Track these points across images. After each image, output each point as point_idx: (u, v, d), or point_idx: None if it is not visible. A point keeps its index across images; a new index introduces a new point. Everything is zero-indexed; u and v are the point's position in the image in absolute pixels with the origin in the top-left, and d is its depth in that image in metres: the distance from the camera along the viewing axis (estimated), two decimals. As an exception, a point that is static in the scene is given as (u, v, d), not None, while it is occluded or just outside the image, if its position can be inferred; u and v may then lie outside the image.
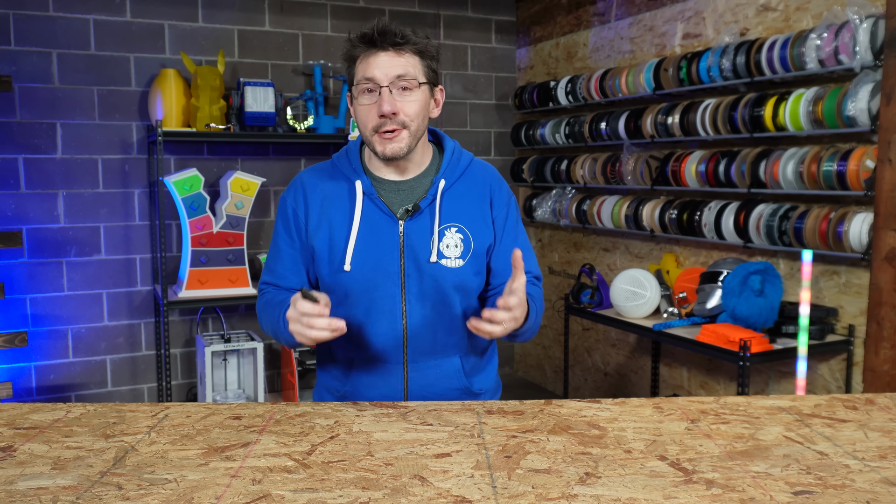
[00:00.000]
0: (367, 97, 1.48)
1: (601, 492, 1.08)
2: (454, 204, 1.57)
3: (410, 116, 1.49)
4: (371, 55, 1.47)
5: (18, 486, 1.10)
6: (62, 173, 3.93)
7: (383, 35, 1.46)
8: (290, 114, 4.12)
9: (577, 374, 4.67)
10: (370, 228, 1.54)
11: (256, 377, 4.01)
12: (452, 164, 1.60)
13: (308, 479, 1.12)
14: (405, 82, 1.47)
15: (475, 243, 1.57)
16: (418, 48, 1.49)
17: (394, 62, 1.46)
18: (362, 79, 1.47)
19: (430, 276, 1.54)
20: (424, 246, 1.54)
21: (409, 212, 1.54)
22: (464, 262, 1.55)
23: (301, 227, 1.60)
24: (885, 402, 1.51)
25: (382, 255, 1.53)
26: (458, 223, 1.56)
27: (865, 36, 2.72)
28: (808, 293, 2.69)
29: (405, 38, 1.47)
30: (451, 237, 1.55)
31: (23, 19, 3.79)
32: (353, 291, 1.55)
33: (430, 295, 1.55)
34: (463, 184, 1.60)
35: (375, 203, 1.55)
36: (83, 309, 4.03)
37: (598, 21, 4.35)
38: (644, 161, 3.80)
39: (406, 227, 1.54)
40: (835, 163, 2.84)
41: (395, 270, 1.54)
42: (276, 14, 4.34)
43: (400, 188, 1.57)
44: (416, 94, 1.49)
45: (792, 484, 1.11)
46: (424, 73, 1.51)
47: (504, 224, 1.61)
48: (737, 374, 2.99)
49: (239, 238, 3.93)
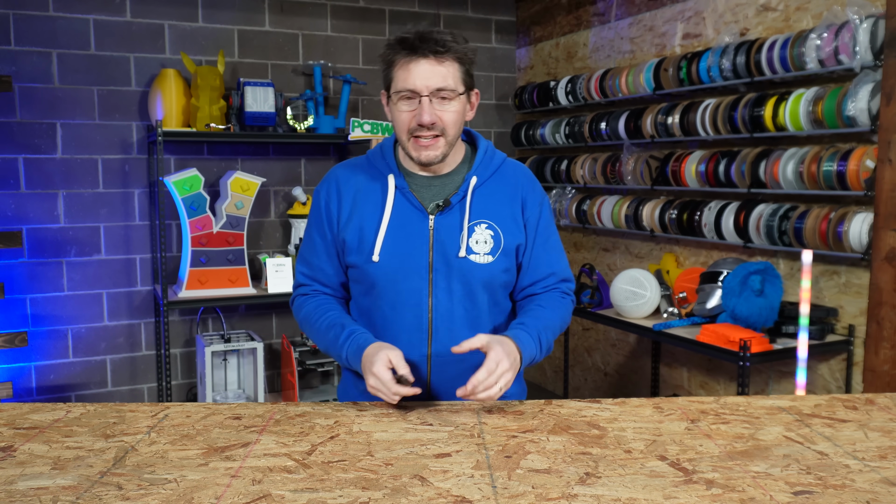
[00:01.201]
0: (406, 104, 1.50)
1: (601, 492, 1.08)
2: (485, 201, 1.59)
3: (448, 125, 1.51)
4: (412, 62, 1.47)
5: (18, 486, 1.10)
6: (62, 173, 3.93)
7: (424, 42, 1.46)
8: (290, 114, 4.12)
9: (577, 374, 4.67)
10: (400, 221, 1.56)
11: (256, 377, 4.01)
12: (485, 163, 1.62)
13: (308, 479, 1.12)
14: (445, 93, 1.49)
15: (505, 241, 1.58)
16: (458, 55, 1.50)
17: (434, 71, 1.47)
18: (403, 88, 1.48)
19: (457, 270, 1.55)
20: (454, 241, 1.55)
21: (440, 207, 1.56)
22: (493, 258, 1.57)
23: (333, 219, 1.61)
24: (885, 402, 1.51)
25: (411, 249, 1.55)
26: (489, 220, 1.58)
27: (865, 36, 2.72)
28: (808, 293, 2.69)
29: (446, 46, 1.47)
30: (480, 233, 1.57)
31: (23, 19, 3.79)
32: (379, 282, 1.56)
33: (456, 290, 1.56)
34: (495, 182, 1.61)
35: (407, 197, 1.57)
36: (83, 309, 4.02)
37: (598, 21, 4.35)
38: (644, 161, 3.80)
39: (436, 222, 1.56)
40: (835, 163, 2.84)
41: (424, 264, 1.55)
42: (276, 14, 4.34)
43: (431, 184, 1.59)
44: (455, 104, 1.51)
45: (792, 484, 1.11)
46: (463, 81, 1.52)
47: (536, 225, 1.63)
48: (737, 374, 2.99)
49: (239, 238, 3.93)
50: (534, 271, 1.63)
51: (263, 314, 4.42)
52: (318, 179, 4.49)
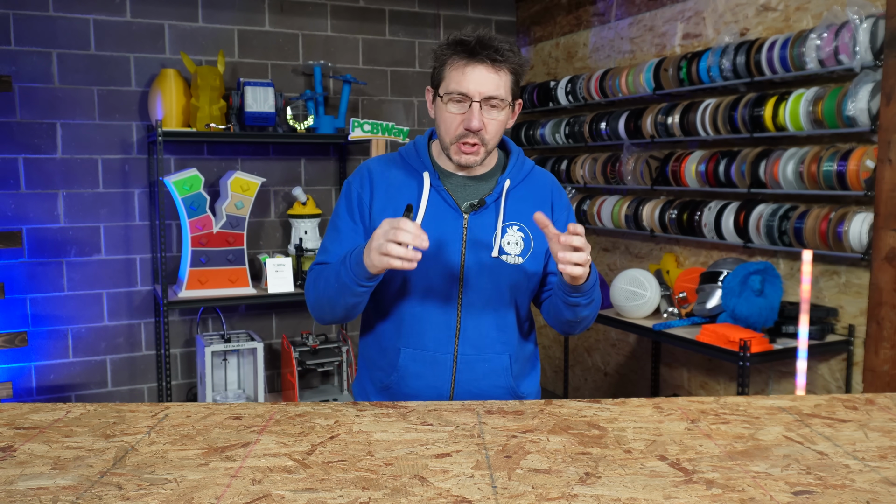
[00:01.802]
0: (456, 106, 1.50)
1: (601, 492, 1.08)
2: (517, 204, 1.60)
3: (492, 133, 1.52)
4: (468, 66, 1.48)
5: (18, 486, 1.10)
6: (62, 173, 3.92)
7: (483, 48, 1.46)
8: (290, 114, 4.12)
9: (577, 374, 4.67)
10: (435, 219, 1.56)
11: (256, 377, 4.01)
12: (518, 167, 1.64)
13: (308, 479, 1.12)
14: (495, 101, 1.49)
15: (535, 243, 1.60)
16: (513, 66, 1.50)
17: (488, 79, 1.47)
18: (455, 91, 1.48)
19: (489, 270, 1.56)
20: (487, 241, 1.56)
21: (475, 206, 1.57)
22: (523, 259, 1.58)
23: (365, 210, 1.60)
24: (885, 402, 1.51)
25: (444, 246, 1.56)
26: (520, 222, 1.60)
27: (865, 36, 2.72)
28: (809, 293, 2.69)
29: (503, 56, 1.47)
30: (512, 234, 1.58)
31: (23, 19, 3.79)
32: (411, 278, 1.56)
33: (486, 290, 1.57)
34: (525, 187, 1.63)
35: (441, 195, 1.58)
36: (83, 309, 4.02)
37: (598, 21, 4.35)
38: (644, 161, 3.80)
39: (470, 221, 1.57)
40: (835, 163, 2.84)
41: (455, 262, 1.56)
42: (276, 14, 4.34)
43: (466, 183, 1.60)
44: (502, 113, 1.52)
45: (792, 484, 1.11)
46: (512, 92, 1.53)
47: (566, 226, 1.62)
48: (737, 374, 2.99)
49: (239, 238, 3.93)
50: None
51: (263, 314, 4.42)
52: (318, 179, 4.49)
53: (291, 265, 4.03)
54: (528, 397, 1.69)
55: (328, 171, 4.52)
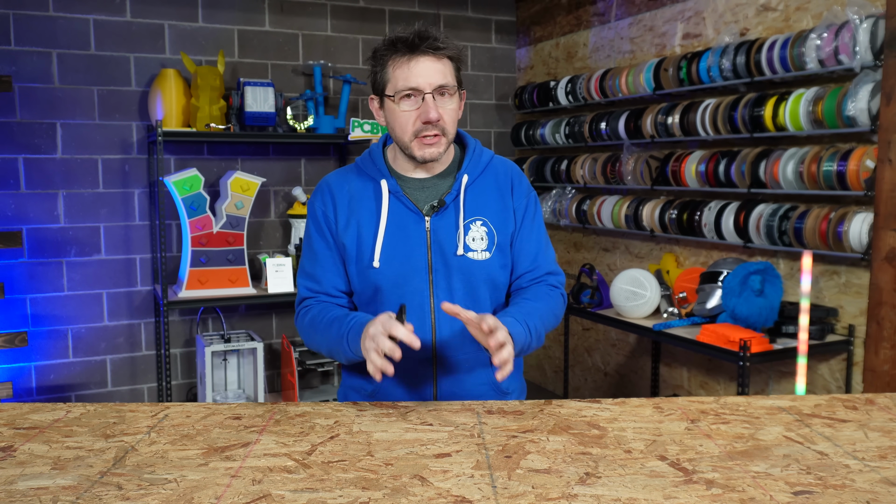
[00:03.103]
0: (408, 103, 1.50)
1: (601, 492, 1.08)
2: (478, 198, 1.60)
3: (448, 122, 1.52)
4: (412, 60, 1.48)
5: (18, 486, 1.10)
6: (62, 173, 3.93)
7: (423, 40, 1.47)
8: (290, 114, 4.12)
9: (577, 374, 4.67)
10: (397, 225, 1.56)
11: (256, 377, 4.01)
12: (475, 161, 1.63)
13: (308, 479, 1.12)
14: (445, 89, 1.50)
15: (499, 236, 1.60)
16: (453, 54, 1.52)
17: (435, 68, 1.48)
18: (405, 87, 1.48)
19: (457, 269, 1.56)
20: (451, 240, 1.56)
21: (435, 207, 1.57)
22: (490, 254, 1.58)
23: (332, 226, 1.61)
24: (885, 402, 1.51)
25: (410, 251, 1.56)
26: (483, 216, 1.59)
27: (865, 36, 2.72)
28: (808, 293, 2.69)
29: (444, 44, 1.49)
30: (476, 230, 1.58)
31: (23, 19, 3.79)
32: (382, 288, 1.57)
33: (458, 289, 1.57)
34: (485, 179, 1.63)
35: (401, 201, 1.57)
36: (83, 309, 4.02)
37: (598, 21, 4.35)
38: (644, 161, 3.80)
39: (432, 223, 1.57)
40: (835, 163, 2.84)
41: (423, 266, 1.56)
42: (276, 14, 4.34)
43: (424, 185, 1.60)
44: (454, 101, 1.53)
45: (792, 484, 1.11)
46: (457, 79, 1.54)
47: (523, 214, 1.64)
48: (737, 374, 2.99)
49: (239, 238, 3.93)
50: (519, 262, 1.64)
51: (263, 314, 4.42)
52: (318, 179, 4.49)
53: (291, 265, 4.03)
54: (513, 392, 1.68)
55: (328, 171, 4.52)
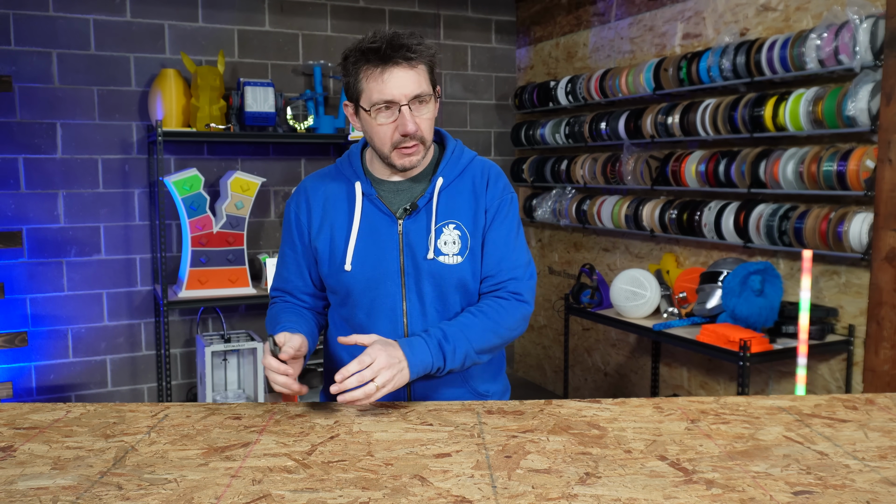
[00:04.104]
0: (385, 115, 1.47)
1: (601, 492, 1.08)
2: (452, 201, 1.57)
3: (426, 130, 1.51)
4: (385, 72, 1.43)
5: (18, 486, 1.10)
6: (62, 173, 3.93)
7: (395, 49, 1.43)
8: (290, 114, 4.12)
9: (577, 374, 4.67)
10: (370, 228, 1.55)
11: (256, 377, 4.01)
12: (452, 163, 1.60)
13: (308, 479, 1.12)
14: (422, 97, 1.47)
15: (472, 240, 1.57)
16: (427, 58, 1.48)
17: (409, 78, 1.44)
18: (379, 100, 1.45)
19: (427, 273, 1.54)
20: (422, 244, 1.54)
21: (408, 211, 1.55)
22: (462, 258, 1.55)
23: (304, 230, 1.61)
24: (885, 402, 1.51)
25: (382, 255, 1.55)
26: (456, 220, 1.56)
27: (865, 36, 2.72)
28: (809, 292, 2.69)
29: (416, 51, 1.44)
30: (448, 234, 1.55)
31: (23, 19, 3.79)
32: (354, 291, 1.56)
33: (429, 293, 1.55)
34: (462, 181, 1.60)
35: (375, 204, 1.56)
36: (83, 309, 4.02)
37: (598, 21, 4.35)
38: (644, 161, 3.80)
39: (405, 226, 1.55)
40: (835, 163, 2.84)
41: (395, 269, 1.55)
42: (276, 14, 4.34)
43: (399, 188, 1.59)
44: (430, 107, 1.50)
45: (792, 484, 1.11)
46: (431, 82, 1.51)
47: (494, 215, 1.58)
48: (737, 374, 2.99)
49: (239, 238, 3.93)
50: (484, 265, 1.59)
51: (263, 314, 4.42)
52: (318, 179, 4.49)
53: (291, 265, 4.02)
54: (491, 395, 1.66)
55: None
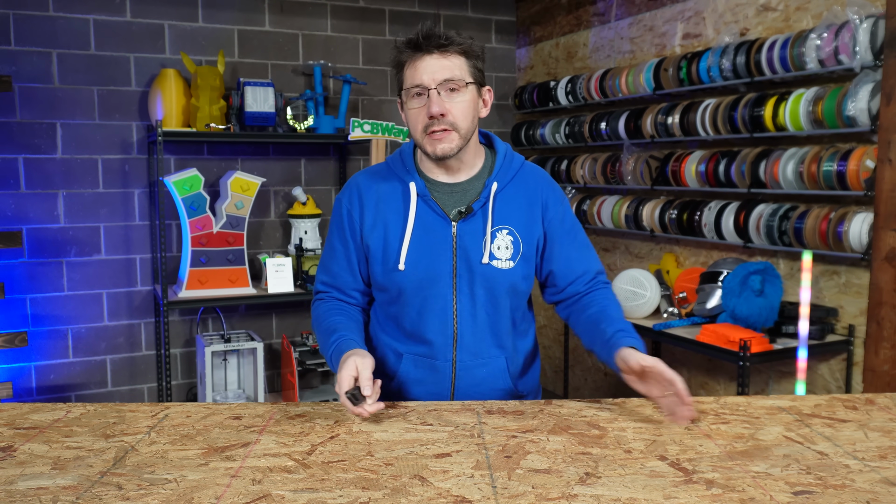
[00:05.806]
0: (417, 101, 1.51)
1: (601, 492, 1.08)
2: (506, 206, 1.60)
3: (458, 117, 1.51)
4: (418, 59, 1.50)
5: (18, 486, 1.10)
6: (62, 173, 3.92)
7: (428, 39, 1.49)
8: (290, 114, 4.12)
9: (577, 374, 4.67)
10: (424, 229, 1.57)
11: (256, 377, 4.01)
12: (505, 167, 1.62)
13: (308, 479, 1.12)
14: (452, 84, 1.50)
15: (524, 246, 1.59)
16: (463, 49, 1.51)
17: (440, 65, 1.49)
18: (411, 85, 1.50)
19: (481, 276, 1.57)
20: (476, 247, 1.56)
21: (462, 213, 1.57)
22: (514, 263, 1.58)
23: (356, 227, 1.62)
24: (885, 402, 1.51)
25: (435, 256, 1.56)
26: (509, 225, 1.59)
27: (865, 36, 2.72)
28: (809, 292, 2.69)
29: (449, 40, 1.49)
30: (502, 239, 1.58)
31: (23, 19, 3.79)
32: (406, 290, 1.58)
33: (480, 295, 1.58)
34: (514, 187, 1.62)
35: (429, 204, 1.58)
36: (83, 309, 4.02)
37: (598, 21, 4.35)
38: (644, 161, 3.80)
39: (459, 229, 1.57)
40: (835, 163, 2.84)
41: (448, 271, 1.57)
42: (276, 14, 4.34)
43: (453, 190, 1.60)
44: (464, 95, 1.51)
45: (792, 484, 1.11)
46: (471, 74, 1.53)
47: (561, 225, 1.64)
48: (737, 374, 2.99)
49: (239, 238, 3.93)
50: (571, 270, 1.64)
51: (263, 314, 4.42)
52: (318, 179, 4.49)
53: (291, 265, 4.03)
54: (528, 395, 1.70)
55: (328, 171, 4.52)
